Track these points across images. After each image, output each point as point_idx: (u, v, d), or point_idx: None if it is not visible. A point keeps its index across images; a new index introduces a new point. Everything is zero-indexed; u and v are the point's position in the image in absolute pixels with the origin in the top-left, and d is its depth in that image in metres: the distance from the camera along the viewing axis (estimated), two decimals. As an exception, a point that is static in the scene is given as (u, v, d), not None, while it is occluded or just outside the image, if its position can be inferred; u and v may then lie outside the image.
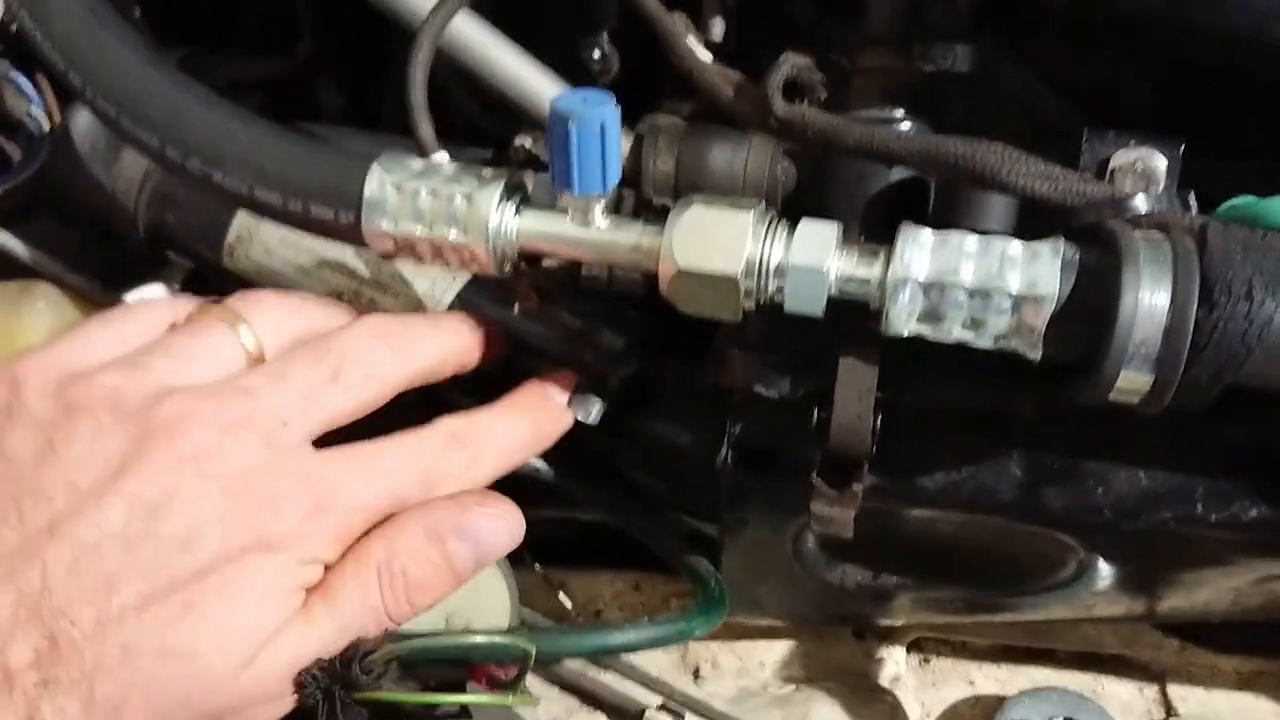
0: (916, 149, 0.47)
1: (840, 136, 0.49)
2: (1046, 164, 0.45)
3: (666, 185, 0.60)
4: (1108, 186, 0.45)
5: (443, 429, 0.47)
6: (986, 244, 0.43)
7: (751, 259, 0.45)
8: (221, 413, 0.41)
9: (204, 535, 0.39)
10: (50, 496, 0.39)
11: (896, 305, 0.44)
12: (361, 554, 0.43)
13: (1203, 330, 0.40)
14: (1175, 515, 0.49)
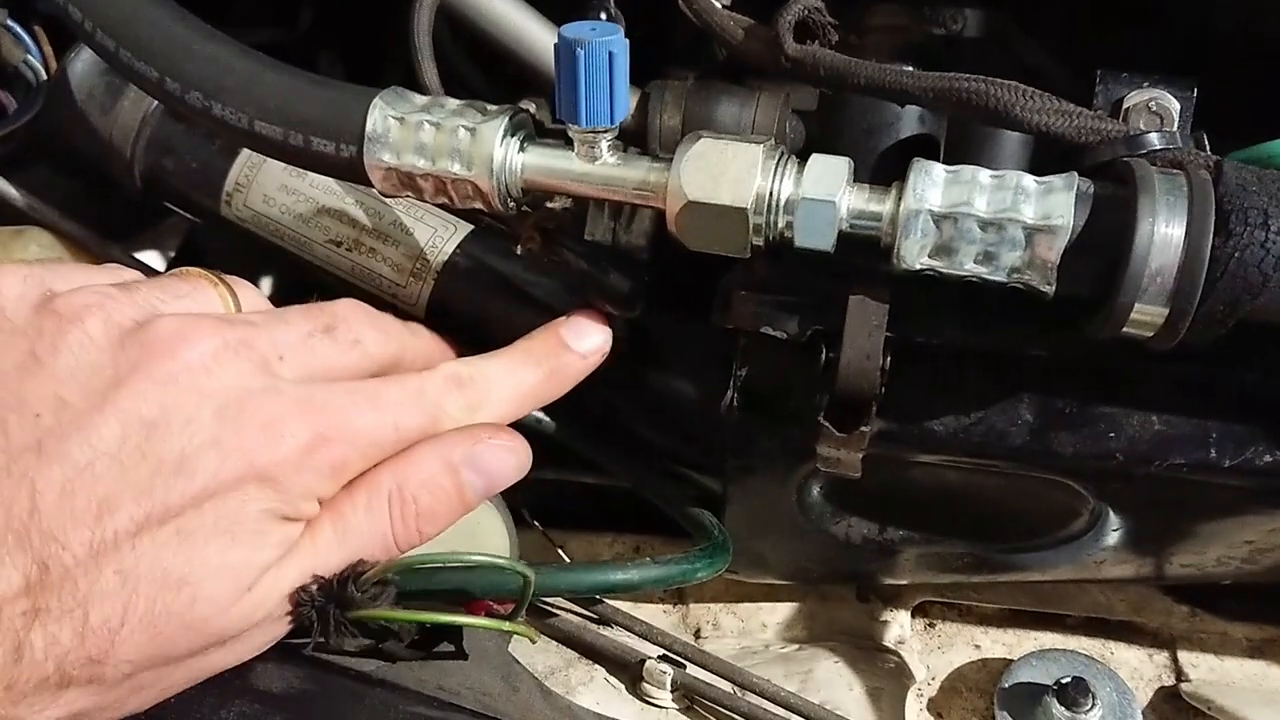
0: (929, 85, 0.46)
1: (853, 74, 0.48)
2: (1061, 101, 0.45)
3: (673, 142, 0.59)
4: (1122, 124, 0.45)
5: (444, 371, 0.47)
6: (1000, 177, 0.43)
7: (761, 192, 0.44)
8: (221, 332, 0.40)
9: (200, 459, 0.38)
10: (37, 412, 0.37)
11: (909, 238, 0.43)
12: (373, 482, 0.42)
13: (1219, 260, 0.39)
14: (1188, 461, 0.48)
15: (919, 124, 0.57)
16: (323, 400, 0.42)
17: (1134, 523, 0.54)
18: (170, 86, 0.49)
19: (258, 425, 0.39)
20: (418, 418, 0.44)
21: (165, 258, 0.79)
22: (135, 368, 0.38)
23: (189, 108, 0.49)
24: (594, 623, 0.62)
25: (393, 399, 0.43)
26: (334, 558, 0.41)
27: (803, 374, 0.49)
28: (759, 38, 0.52)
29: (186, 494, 0.38)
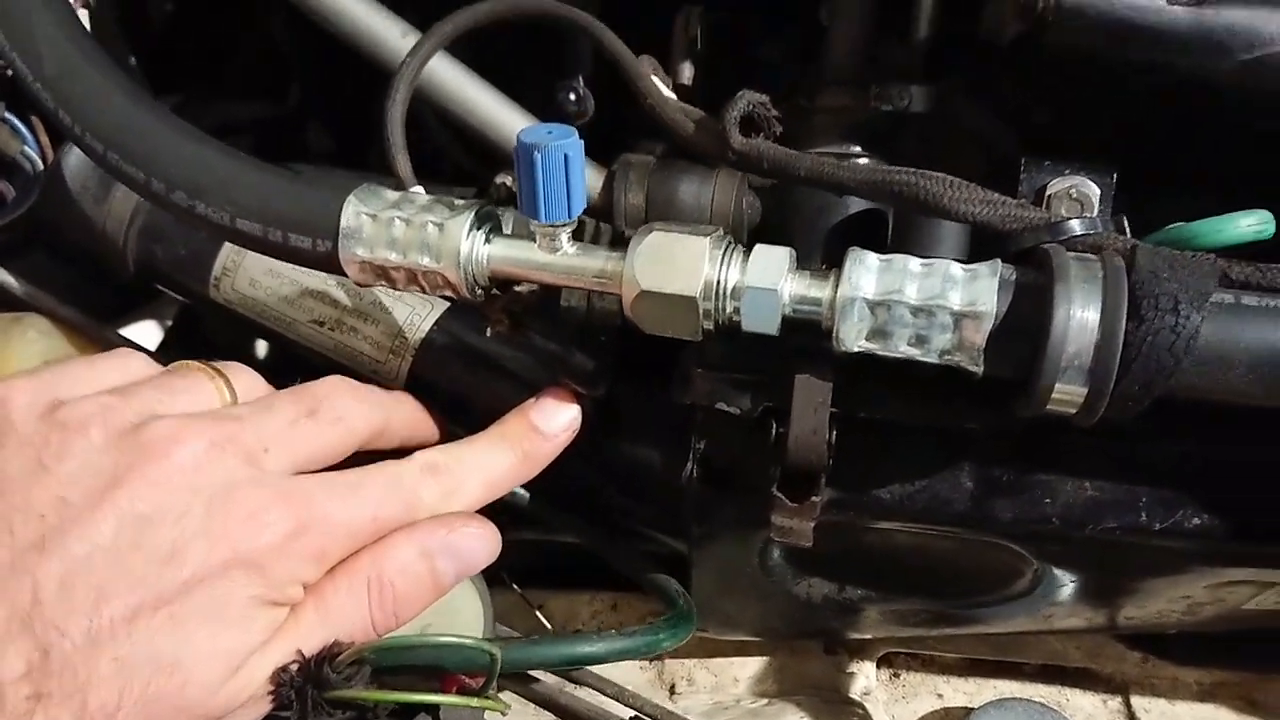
0: (864, 179, 0.49)
1: (793, 167, 0.51)
2: (986, 192, 0.48)
3: (638, 218, 0.63)
4: (1044, 212, 0.48)
5: (420, 459, 0.49)
6: (930, 265, 0.46)
7: (709, 280, 0.48)
8: (210, 431, 0.43)
9: (190, 549, 0.41)
10: (41, 514, 0.40)
11: (846, 323, 0.46)
12: (353, 568, 0.45)
13: (1132, 343, 0.42)
14: (1120, 525, 0.51)
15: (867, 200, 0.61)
16: (305, 491, 0.44)
17: (1076, 581, 0.57)
18: (156, 187, 0.53)
19: (243, 516, 0.42)
20: (395, 507, 0.47)
21: (162, 326, 0.82)
22: (131, 469, 0.41)
23: (175, 206, 0.53)
24: (570, 682, 0.64)
25: (371, 490, 0.46)
26: (316, 640, 0.43)
27: (756, 448, 0.52)
28: (708, 130, 0.55)
29: (177, 581, 0.41)
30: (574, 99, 0.77)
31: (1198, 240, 0.46)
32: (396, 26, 0.69)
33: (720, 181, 0.64)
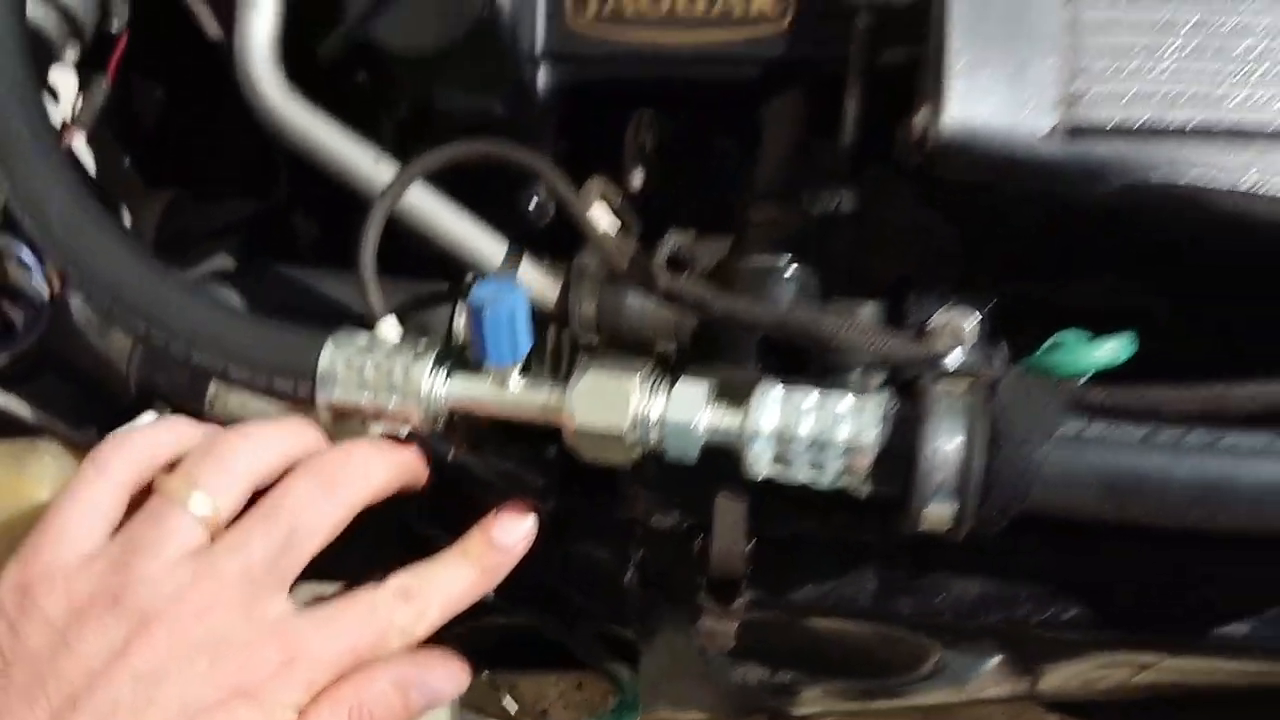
0: (768, 319, 0.57)
1: (710, 308, 0.58)
2: (876, 329, 0.55)
3: (590, 325, 0.70)
4: (925, 346, 0.55)
5: (394, 587, 0.56)
6: (823, 400, 0.53)
7: (636, 417, 0.55)
8: (200, 588, 0.51)
9: (196, 694, 0.49)
10: (70, 679, 0.49)
11: (752, 453, 0.53)
12: (337, 696, 0.52)
13: (989, 472, 0.49)
14: (1003, 617, 0.58)
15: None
16: (294, 629, 0.52)
17: (976, 662, 0.63)
18: (156, 337, 0.60)
19: (242, 660, 0.50)
20: (370, 636, 0.54)
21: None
22: (138, 635, 0.49)
23: (172, 355, 0.60)
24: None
25: (349, 623, 0.53)
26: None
27: (685, 558, 0.59)
28: (639, 268, 0.63)
29: (184, 717, 0.49)
30: (534, 206, 0.85)
31: (1061, 368, 0.54)
32: (368, 154, 0.76)
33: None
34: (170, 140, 1.08)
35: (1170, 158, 0.56)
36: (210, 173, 1.03)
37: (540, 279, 0.73)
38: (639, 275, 0.62)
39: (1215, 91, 0.55)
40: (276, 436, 0.57)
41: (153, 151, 1.08)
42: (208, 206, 1.05)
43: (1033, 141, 0.56)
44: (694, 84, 0.77)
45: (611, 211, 0.72)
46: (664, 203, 0.85)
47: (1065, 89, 0.56)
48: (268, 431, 0.57)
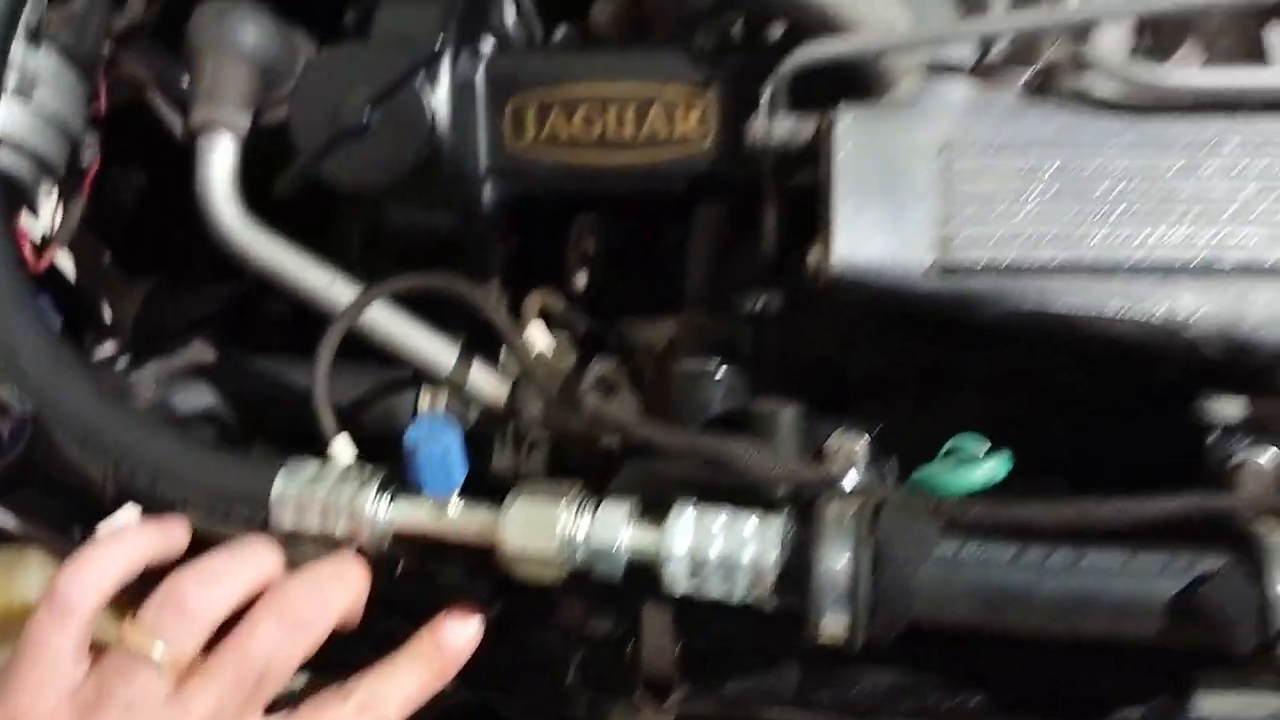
0: (682, 445, 0.62)
1: (631, 433, 0.64)
2: (774, 454, 0.61)
3: (537, 425, 0.76)
4: (821, 470, 0.61)
5: (354, 701, 0.60)
6: (731, 522, 0.58)
7: (563, 537, 0.60)
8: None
9: None
10: None
11: (669, 572, 0.59)
12: None
13: (877, 591, 0.55)
14: (913, 705, 0.63)
15: (724, 403, 0.73)
16: None
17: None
18: (122, 473, 0.66)
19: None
20: None
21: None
22: None
23: (136, 488, 0.66)
24: None
25: None
26: None
27: (620, 661, 0.64)
28: (568, 393, 0.68)
29: None
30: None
31: (942, 488, 0.59)
32: (324, 277, 0.82)
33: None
34: (146, 232, 1.13)
35: (1039, 291, 0.62)
36: (186, 261, 1.07)
37: (490, 381, 0.78)
38: (568, 401, 0.67)
39: (1077, 231, 0.61)
40: (234, 571, 0.60)
41: (130, 244, 1.13)
42: (184, 295, 1.10)
43: (913, 278, 0.62)
44: (626, 197, 0.84)
45: (547, 330, 0.77)
46: (612, 295, 0.92)
47: (940, 231, 0.62)
48: (225, 568, 0.60)
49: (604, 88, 0.81)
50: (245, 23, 0.83)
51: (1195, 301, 0.60)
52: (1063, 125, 0.63)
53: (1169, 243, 0.60)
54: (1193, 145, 0.61)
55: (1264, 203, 0.59)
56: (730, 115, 0.77)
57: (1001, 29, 0.64)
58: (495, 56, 0.83)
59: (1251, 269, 0.59)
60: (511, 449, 0.80)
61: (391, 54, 0.78)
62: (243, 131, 0.82)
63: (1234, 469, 0.58)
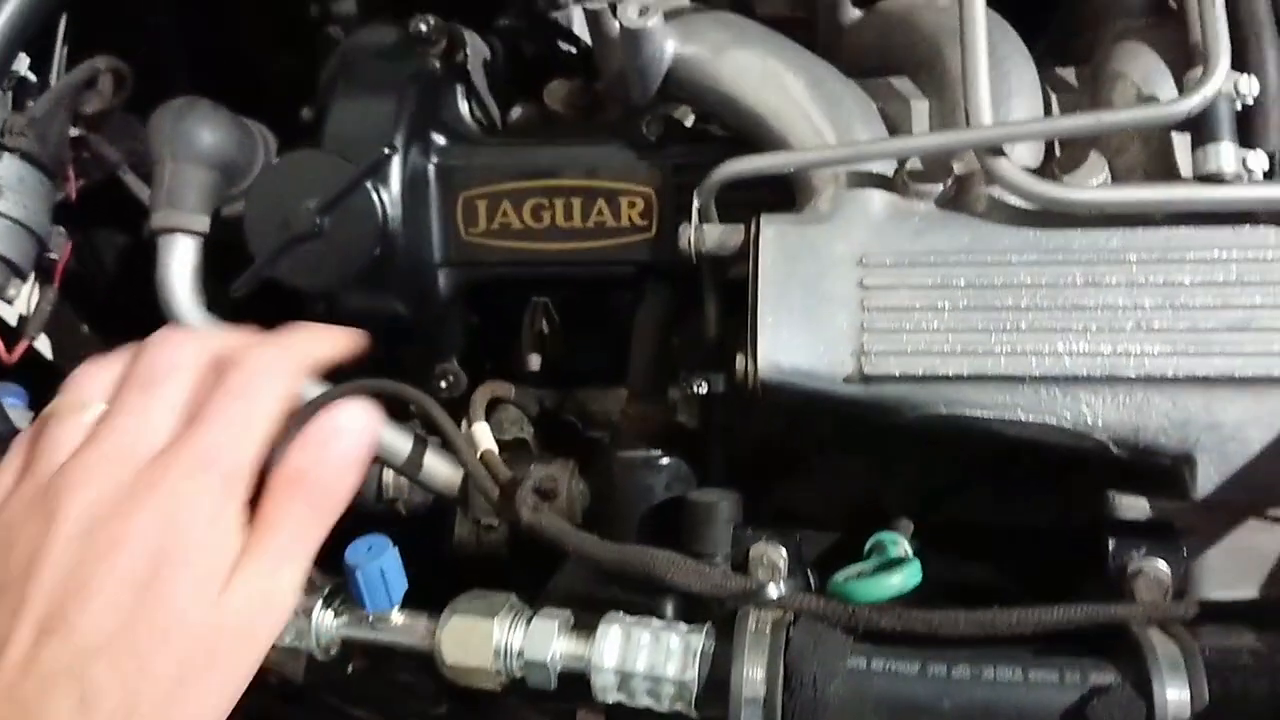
0: (611, 557, 0.65)
1: (564, 542, 0.67)
2: (700, 565, 0.64)
3: (489, 512, 0.79)
4: (744, 579, 0.64)
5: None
6: (655, 637, 0.61)
7: (498, 651, 0.63)
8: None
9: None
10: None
11: (598, 683, 0.61)
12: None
13: (790, 704, 0.58)
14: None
15: (666, 490, 0.78)
16: None
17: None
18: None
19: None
20: None
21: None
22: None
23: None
24: None
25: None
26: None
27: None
28: (507, 497, 0.71)
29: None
30: (445, 385, 0.93)
31: (856, 597, 0.62)
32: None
33: (555, 469, 0.81)
34: (123, 301, 1.16)
35: (952, 398, 0.64)
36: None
37: (444, 468, 0.81)
38: (505, 504, 0.70)
39: (987, 342, 0.63)
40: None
41: (108, 319, 1.17)
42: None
43: (834, 385, 0.65)
44: (576, 280, 0.87)
45: (489, 436, 0.80)
46: (566, 372, 0.95)
47: (858, 342, 0.65)
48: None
49: (552, 181, 0.84)
50: (202, 126, 0.85)
51: (1100, 409, 0.63)
52: (972, 239, 0.65)
53: (1074, 353, 0.63)
54: (1096, 258, 0.63)
55: (1163, 314, 0.62)
56: (673, 205, 0.80)
57: (916, 148, 0.67)
58: (448, 150, 0.86)
59: (1152, 379, 0.62)
60: (471, 523, 0.83)
61: (343, 159, 0.80)
62: (202, 231, 0.85)
63: (1132, 575, 0.61)
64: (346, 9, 1.04)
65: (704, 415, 0.82)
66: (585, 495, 0.82)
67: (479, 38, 0.96)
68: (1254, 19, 0.66)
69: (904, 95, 0.74)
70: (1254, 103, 0.64)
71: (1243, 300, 0.61)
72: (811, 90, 0.73)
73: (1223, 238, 0.63)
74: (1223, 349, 0.61)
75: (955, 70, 0.68)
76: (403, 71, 0.86)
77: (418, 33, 0.87)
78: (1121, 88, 0.68)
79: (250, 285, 0.81)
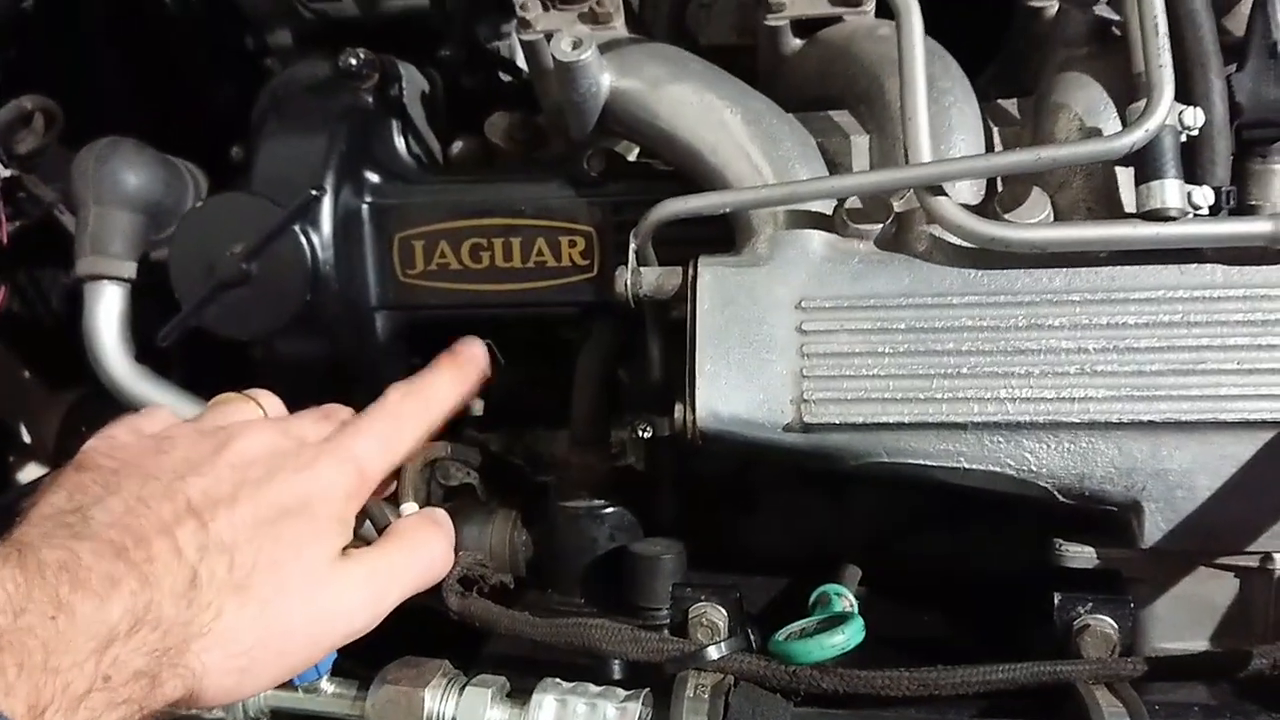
0: (546, 633, 0.63)
1: (495, 624, 0.64)
2: (636, 632, 0.61)
3: None
4: (683, 642, 0.61)
5: (400, 391, 0.70)
6: (591, 706, 0.59)
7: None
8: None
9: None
10: (172, 468, 0.57)
11: (535, 751, 0.59)
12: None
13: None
14: None
15: (610, 540, 0.77)
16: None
17: None
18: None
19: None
20: None
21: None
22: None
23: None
24: None
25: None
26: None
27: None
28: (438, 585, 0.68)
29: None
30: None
31: (798, 658, 0.60)
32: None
33: (497, 525, 0.79)
34: (66, 344, 1.13)
35: (894, 446, 0.62)
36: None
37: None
38: (433, 597, 0.67)
39: (928, 388, 0.61)
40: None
41: (52, 356, 1.14)
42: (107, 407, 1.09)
43: (775, 434, 0.63)
44: (518, 321, 0.84)
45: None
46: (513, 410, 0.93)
47: (797, 391, 0.62)
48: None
49: (490, 220, 0.81)
50: (126, 168, 0.83)
51: (1044, 456, 0.61)
52: (913, 281, 0.63)
53: (1017, 398, 0.61)
54: (1039, 299, 0.62)
55: (1107, 357, 0.60)
56: (615, 243, 0.78)
57: (853, 187, 0.64)
58: (382, 189, 0.83)
59: (1096, 425, 0.60)
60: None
61: (272, 201, 0.78)
62: (129, 277, 0.83)
63: (1079, 631, 0.59)
64: (282, 41, 1.02)
65: (651, 458, 0.80)
66: (528, 547, 0.79)
67: (417, 70, 0.94)
68: (1199, 48, 0.64)
69: (844, 129, 0.72)
70: (1199, 135, 0.62)
71: (1189, 342, 0.59)
72: (749, 126, 0.71)
73: (1168, 277, 0.61)
74: (1168, 393, 0.59)
75: (895, 103, 0.66)
76: (334, 108, 0.84)
77: (348, 68, 0.84)
78: (1064, 120, 0.67)
79: (177, 334, 0.79)
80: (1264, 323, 0.59)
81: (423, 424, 0.66)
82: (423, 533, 0.63)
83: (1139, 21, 0.62)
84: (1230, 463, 0.59)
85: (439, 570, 0.63)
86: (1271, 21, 0.64)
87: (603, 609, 0.74)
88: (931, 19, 0.65)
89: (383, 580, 0.58)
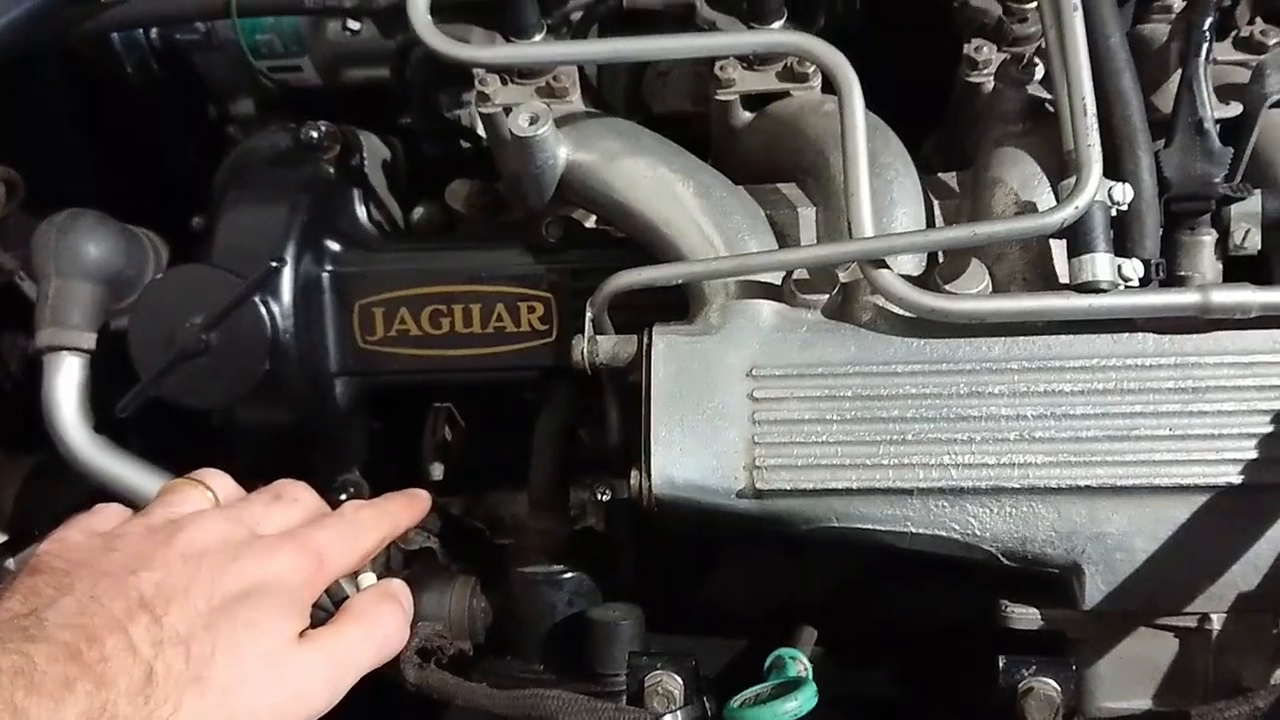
0: (502, 704, 0.63)
1: (452, 696, 0.65)
2: (593, 703, 0.62)
3: None
4: (639, 712, 0.62)
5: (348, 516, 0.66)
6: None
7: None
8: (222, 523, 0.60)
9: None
10: (123, 563, 0.55)
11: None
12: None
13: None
14: None
15: (569, 606, 0.77)
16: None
17: None
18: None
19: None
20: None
21: None
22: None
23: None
24: None
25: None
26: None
27: None
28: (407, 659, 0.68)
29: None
30: (346, 496, 0.91)
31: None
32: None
33: (456, 591, 0.79)
34: (28, 412, 1.12)
35: (842, 511, 0.64)
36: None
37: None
38: (392, 669, 0.67)
39: (875, 454, 0.63)
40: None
41: (14, 424, 1.13)
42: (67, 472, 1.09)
43: (728, 500, 0.65)
44: (477, 386, 0.85)
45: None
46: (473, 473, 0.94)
47: (749, 457, 0.64)
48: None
49: (449, 287, 0.83)
50: (86, 240, 0.83)
51: (987, 520, 0.63)
52: (858, 349, 0.65)
53: (960, 464, 0.63)
54: (979, 367, 0.64)
55: (1045, 424, 0.62)
56: (574, 309, 0.79)
57: (799, 260, 0.67)
58: (342, 257, 0.84)
59: (1036, 490, 0.62)
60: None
61: (232, 272, 0.79)
62: (89, 349, 0.83)
63: (1023, 694, 0.60)
64: (244, 110, 1.04)
65: (611, 519, 0.81)
66: (487, 613, 0.80)
67: (377, 139, 0.96)
68: (1127, 125, 0.67)
69: (792, 201, 0.75)
70: (1129, 209, 0.65)
71: (1123, 409, 0.62)
72: (701, 200, 0.73)
73: (1101, 346, 0.63)
74: (1104, 458, 0.61)
75: (839, 177, 0.68)
76: (296, 179, 0.85)
77: (310, 140, 0.86)
78: (1000, 195, 0.69)
79: (136, 405, 0.79)
80: (1194, 390, 0.62)
81: (380, 532, 0.65)
82: (380, 608, 0.62)
83: (1068, 101, 0.64)
84: (1166, 526, 0.61)
85: (396, 645, 0.63)
86: (1198, 99, 0.68)
87: (561, 675, 0.74)
88: (871, 93, 0.67)
89: (341, 661, 0.58)
